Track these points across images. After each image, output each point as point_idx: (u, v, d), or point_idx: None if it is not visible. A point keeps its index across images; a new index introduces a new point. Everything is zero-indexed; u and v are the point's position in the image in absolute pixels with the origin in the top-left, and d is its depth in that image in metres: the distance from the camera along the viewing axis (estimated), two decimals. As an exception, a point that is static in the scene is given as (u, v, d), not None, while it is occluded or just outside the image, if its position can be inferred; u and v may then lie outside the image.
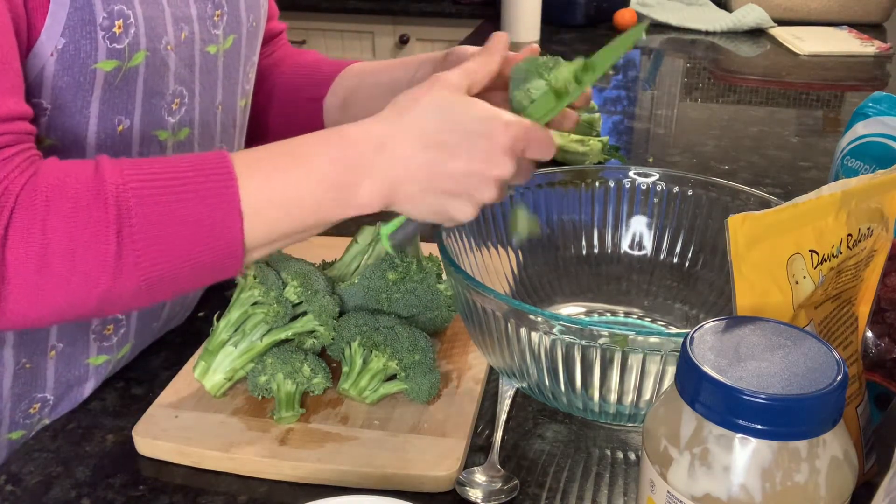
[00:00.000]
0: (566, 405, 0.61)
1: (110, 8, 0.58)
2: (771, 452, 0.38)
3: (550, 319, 0.54)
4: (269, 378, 0.65)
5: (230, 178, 0.55)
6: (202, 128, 0.72)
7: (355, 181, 0.56)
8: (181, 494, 0.59)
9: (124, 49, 0.60)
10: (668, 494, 0.41)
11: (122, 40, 0.59)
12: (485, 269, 0.73)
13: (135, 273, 0.53)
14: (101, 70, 0.59)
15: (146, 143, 0.66)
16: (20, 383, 0.67)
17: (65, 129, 0.61)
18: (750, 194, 0.71)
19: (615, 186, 0.77)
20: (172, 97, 0.67)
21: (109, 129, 0.63)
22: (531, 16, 2.01)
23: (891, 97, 0.83)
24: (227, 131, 0.77)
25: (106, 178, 0.53)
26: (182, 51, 0.66)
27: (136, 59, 0.61)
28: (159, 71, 0.64)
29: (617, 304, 0.77)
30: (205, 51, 0.69)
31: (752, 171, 1.20)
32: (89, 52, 0.58)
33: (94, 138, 0.62)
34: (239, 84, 0.77)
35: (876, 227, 0.51)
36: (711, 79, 1.76)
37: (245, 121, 0.82)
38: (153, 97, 0.65)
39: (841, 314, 0.52)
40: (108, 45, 0.59)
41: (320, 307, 0.68)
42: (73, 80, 0.59)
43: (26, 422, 0.70)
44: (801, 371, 0.39)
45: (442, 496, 0.59)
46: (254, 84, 0.82)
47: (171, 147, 0.69)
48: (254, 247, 0.57)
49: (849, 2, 2.14)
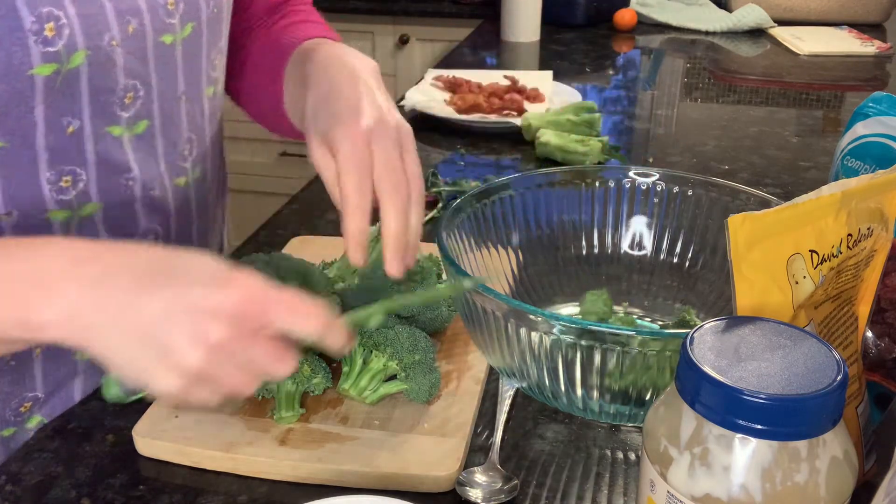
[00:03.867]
0: (566, 405, 0.61)
1: (38, 11, 0.57)
2: (771, 452, 0.38)
3: (550, 319, 0.54)
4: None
5: None
6: (164, 119, 0.71)
7: (37, 302, 0.48)
8: (181, 494, 0.59)
9: (60, 51, 0.59)
10: (668, 494, 0.41)
11: (56, 43, 0.58)
12: (485, 269, 0.73)
13: None
14: (40, 76, 0.58)
15: (100, 141, 0.66)
16: (7, 381, 0.67)
17: (13, 132, 0.60)
18: (750, 194, 0.71)
19: (615, 186, 0.77)
20: (124, 92, 0.66)
21: (58, 130, 0.62)
22: (531, 16, 2.02)
23: (891, 97, 0.83)
24: (194, 121, 0.76)
25: None
26: (131, 44, 0.64)
27: (76, 59, 0.60)
28: (105, 68, 0.63)
29: (617, 304, 0.77)
30: (159, 41, 0.67)
31: (752, 171, 1.20)
32: (22, 59, 0.57)
33: (43, 140, 0.62)
34: (203, 72, 0.75)
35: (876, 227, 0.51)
36: (711, 79, 1.76)
37: (216, 108, 0.80)
38: (101, 94, 0.64)
39: (841, 314, 0.52)
40: (41, 49, 0.57)
41: (320, 307, 0.68)
42: (10, 88, 0.58)
43: (17, 419, 0.70)
44: (801, 371, 0.39)
45: (442, 496, 0.59)
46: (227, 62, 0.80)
47: (128, 142, 0.68)
48: None
49: (849, 2, 2.14)
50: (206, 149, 0.80)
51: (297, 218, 1.03)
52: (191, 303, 0.47)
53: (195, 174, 0.78)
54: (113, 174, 0.69)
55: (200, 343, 0.46)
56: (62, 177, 0.65)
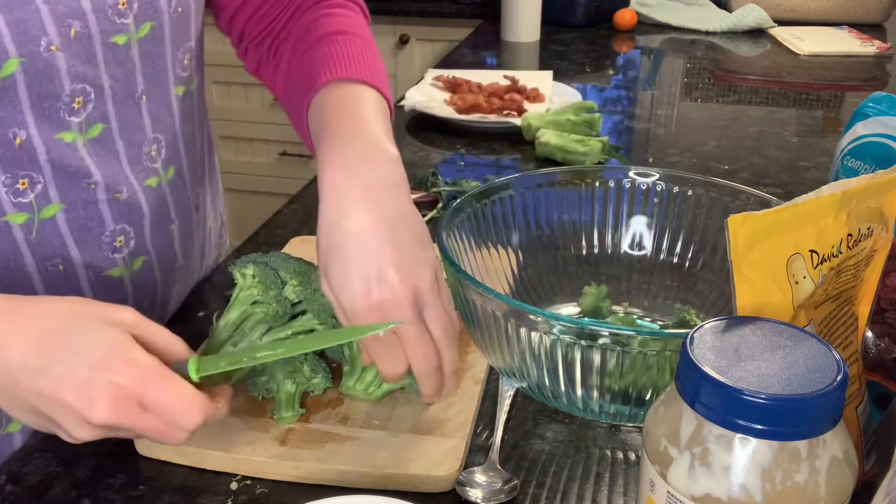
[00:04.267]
0: (566, 405, 0.61)
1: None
2: (771, 452, 0.38)
3: (550, 319, 0.54)
4: (269, 378, 0.65)
5: None
6: (122, 121, 0.69)
7: None
8: (181, 494, 0.59)
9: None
10: (668, 494, 0.41)
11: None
12: (485, 269, 0.73)
13: None
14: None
15: (52, 149, 0.64)
16: None
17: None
18: (750, 194, 0.71)
19: (615, 186, 0.77)
20: (71, 97, 0.64)
21: (5, 142, 0.61)
22: (531, 16, 2.02)
23: (891, 97, 0.83)
24: (161, 121, 0.74)
25: None
26: (75, 47, 0.63)
27: (8, 67, 0.59)
28: (45, 73, 0.61)
29: (617, 304, 0.77)
30: (109, 42, 0.65)
31: (752, 171, 1.20)
32: None
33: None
34: (168, 71, 0.73)
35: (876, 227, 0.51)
36: (711, 79, 1.76)
37: (191, 107, 0.79)
38: (44, 101, 0.62)
39: (841, 314, 0.52)
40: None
41: (320, 306, 0.67)
42: None
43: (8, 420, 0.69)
44: (801, 371, 0.39)
45: (442, 496, 0.59)
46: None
47: (83, 147, 0.67)
48: None
49: (849, 2, 2.14)
50: (180, 149, 0.78)
51: (297, 218, 1.03)
52: (66, 399, 0.50)
53: (168, 175, 0.76)
54: (72, 178, 0.67)
55: (85, 425, 0.51)
56: (18, 179, 0.64)
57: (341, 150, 0.62)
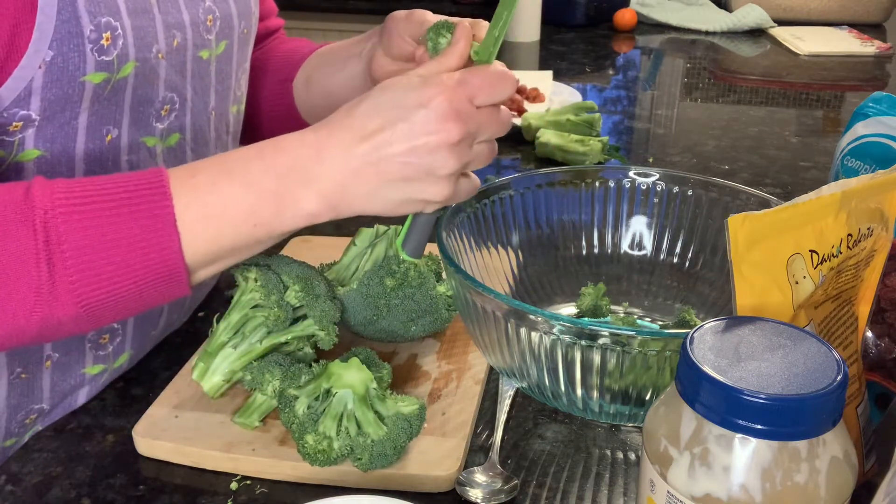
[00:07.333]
0: (566, 405, 0.61)
1: (97, 20, 0.57)
2: (771, 452, 0.38)
3: (550, 319, 0.54)
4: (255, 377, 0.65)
5: (164, 196, 0.53)
6: (195, 133, 0.72)
7: (294, 190, 0.55)
8: (181, 494, 0.59)
9: (112, 61, 0.59)
10: (668, 494, 0.41)
11: (111, 52, 0.59)
12: (485, 269, 0.73)
13: (71, 299, 0.52)
14: (90, 83, 0.59)
15: (134, 151, 0.66)
16: (16, 394, 0.67)
17: (53, 140, 0.60)
18: (750, 194, 0.71)
19: (615, 186, 0.77)
20: (162, 104, 0.66)
21: (98, 139, 0.62)
22: (531, 16, 2.02)
23: (891, 97, 0.83)
24: (220, 137, 0.77)
25: (35, 203, 0.51)
26: (174, 57, 0.66)
27: (126, 70, 0.61)
28: (149, 79, 0.64)
29: (617, 304, 0.77)
30: (197, 56, 0.69)
31: (752, 171, 1.20)
32: (77, 65, 0.57)
33: (82, 148, 0.62)
34: (231, 90, 0.76)
35: (876, 227, 0.51)
36: (711, 79, 1.76)
37: (238, 128, 0.81)
38: (141, 105, 0.64)
39: (841, 314, 0.52)
40: (96, 57, 0.58)
41: (321, 312, 0.67)
42: (61, 93, 0.58)
43: (20, 430, 0.69)
44: (801, 371, 0.39)
45: (442, 496, 0.59)
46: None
47: (160, 153, 0.68)
48: (198, 264, 0.56)
49: (849, 2, 2.15)
50: None
51: (297, 218, 1.03)
52: (423, 130, 0.54)
53: None
54: None
55: (448, 152, 0.55)
56: None
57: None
